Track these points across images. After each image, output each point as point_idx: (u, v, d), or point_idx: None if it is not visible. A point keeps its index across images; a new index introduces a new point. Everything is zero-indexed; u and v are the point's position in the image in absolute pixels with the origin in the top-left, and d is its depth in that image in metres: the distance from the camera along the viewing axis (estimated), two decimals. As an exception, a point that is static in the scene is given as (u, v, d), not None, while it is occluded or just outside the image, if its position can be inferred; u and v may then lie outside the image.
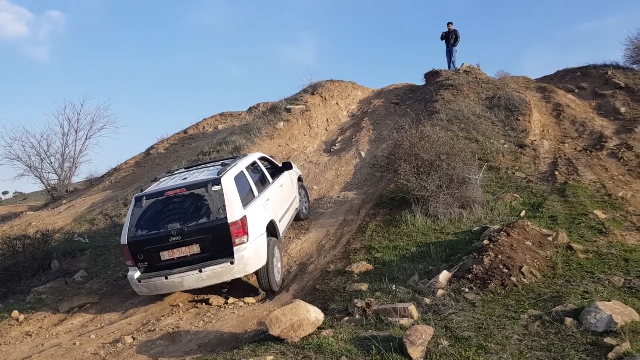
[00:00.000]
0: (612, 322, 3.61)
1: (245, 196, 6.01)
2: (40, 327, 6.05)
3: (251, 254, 5.62)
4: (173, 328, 5.35)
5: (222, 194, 5.67)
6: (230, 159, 7.30)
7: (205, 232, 5.58)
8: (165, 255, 5.65)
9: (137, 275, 5.70)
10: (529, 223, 6.17)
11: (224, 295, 6.16)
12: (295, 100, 14.67)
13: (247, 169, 6.63)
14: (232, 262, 5.52)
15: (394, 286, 5.23)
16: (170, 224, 5.66)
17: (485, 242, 5.55)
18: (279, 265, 6.41)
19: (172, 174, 6.99)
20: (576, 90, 13.92)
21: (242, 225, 5.57)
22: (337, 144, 13.12)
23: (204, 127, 16.95)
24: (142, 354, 4.79)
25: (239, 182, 6.07)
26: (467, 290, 4.76)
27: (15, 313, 6.35)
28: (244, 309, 5.72)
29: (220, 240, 5.56)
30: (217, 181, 5.79)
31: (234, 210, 5.61)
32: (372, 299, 4.88)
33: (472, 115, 11.80)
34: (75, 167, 16.88)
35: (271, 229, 6.31)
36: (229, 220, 5.53)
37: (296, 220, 8.33)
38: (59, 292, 7.13)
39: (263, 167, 7.36)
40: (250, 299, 6.03)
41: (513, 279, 4.77)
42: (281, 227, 6.81)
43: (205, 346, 4.77)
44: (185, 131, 16.91)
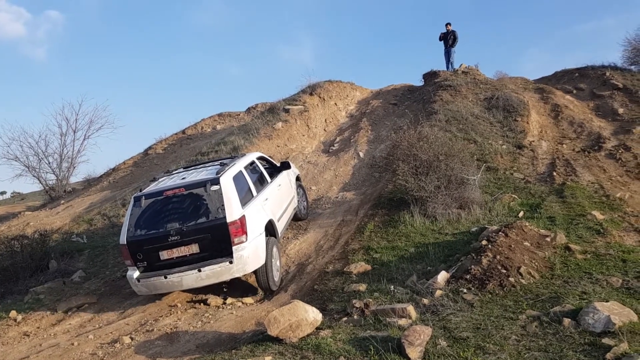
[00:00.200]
0: (610, 322, 3.62)
1: (244, 196, 6.03)
2: (38, 328, 6.03)
3: (250, 254, 5.63)
4: (171, 328, 5.35)
5: (221, 194, 5.68)
6: (229, 158, 7.31)
7: (204, 231, 5.59)
8: (164, 255, 5.65)
9: (136, 274, 5.71)
10: (527, 224, 6.18)
11: (222, 295, 6.16)
12: (293, 101, 14.65)
13: (245, 168, 6.63)
14: (231, 262, 5.53)
15: (392, 287, 5.24)
16: (170, 224, 5.67)
17: (484, 242, 5.55)
18: (278, 265, 6.43)
19: (170, 173, 6.99)
20: (574, 91, 13.94)
21: (241, 224, 5.59)
22: (335, 145, 13.11)
23: (202, 128, 16.95)
24: (140, 355, 4.78)
25: (238, 181, 6.08)
26: (465, 290, 4.76)
27: (13, 313, 6.34)
28: (242, 310, 5.72)
29: (219, 239, 5.57)
30: (215, 181, 5.80)
31: (233, 210, 5.62)
32: (371, 300, 4.88)
33: (470, 116, 11.82)
34: (74, 168, 16.91)
35: (270, 229, 6.33)
36: (228, 219, 5.54)
37: (294, 220, 8.33)
38: (57, 292, 7.11)
39: (261, 166, 7.37)
40: (249, 300, 6.03)
41: (511, 279, 4.78)
42: (280, 227, 6.82)
43: (203, 346, 4.77)
44: (183, 131, 16.90)
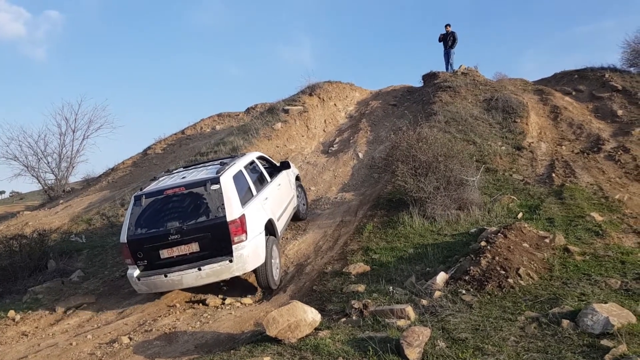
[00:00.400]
0: (608, 324, 3.62)
1: (244, 195, 6.04)
2: (36, 327, 6.03)
3: (250, 253, 5.63)
4: (170, 328, 5.34)
5: (221, 193, 5.69)
6: (229, 158, 7.32)
7: (204, 230, 5.60)
8: (164, 254, 5.66)
9: (136, 273, 5.71)
10: (526, 225, 6.18)
11: (221, 296, 6.16)
12: (293, 102, 14.65)
13: (245, 168, 6.64)
14: (231, 261, 5.54)
15: (391, 287, 5.24)
16: (170, 223, 5.68)
17: (483, 243, 5.56)
18: (278, 264, 6.44)
19: (171, 173, 7.00)
20: (574, 93, 13.96)
21: (241, 223, 5.60)
22: (334, 145, 13.11)
23: (201, 128, 16.94)
24: (139, 355, 4.77)
25: (238, 181, 6.09)
26: (464, 291, 4.76)
27: (11, 313, 6.32)
28: (241, 310, 5.72)
29: (219, 238, 5.58)
30: (216, 180, 5.81)
31: (233, 209, 5.62)
32: (370, 300, 4.88)
33: (469, 117, 11.83)
34: (73, 167, 16.88)
35: (269, 228, 6.34)
36: (228, 218, 5.55)
37: (294, 219, 8.33)
38: (56, 292, 7.11)
39: (261, 166, 7.38)
40: (247, 300, 6.03)
41: (510, 280, 4.78)
42: (279, 226, 6.84)
43: (202, 347, 4.76)
44: (183, 132, 16.89)
